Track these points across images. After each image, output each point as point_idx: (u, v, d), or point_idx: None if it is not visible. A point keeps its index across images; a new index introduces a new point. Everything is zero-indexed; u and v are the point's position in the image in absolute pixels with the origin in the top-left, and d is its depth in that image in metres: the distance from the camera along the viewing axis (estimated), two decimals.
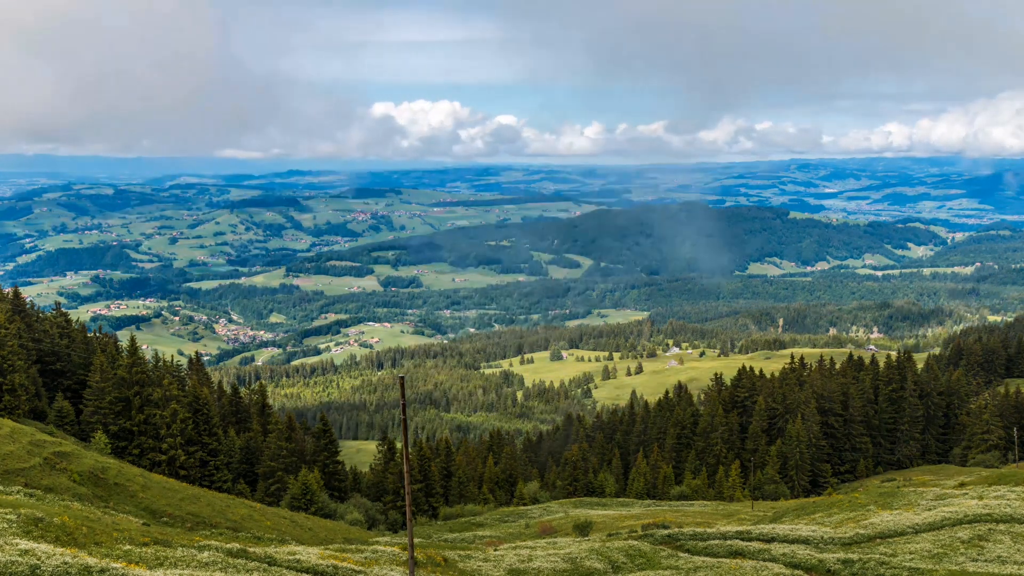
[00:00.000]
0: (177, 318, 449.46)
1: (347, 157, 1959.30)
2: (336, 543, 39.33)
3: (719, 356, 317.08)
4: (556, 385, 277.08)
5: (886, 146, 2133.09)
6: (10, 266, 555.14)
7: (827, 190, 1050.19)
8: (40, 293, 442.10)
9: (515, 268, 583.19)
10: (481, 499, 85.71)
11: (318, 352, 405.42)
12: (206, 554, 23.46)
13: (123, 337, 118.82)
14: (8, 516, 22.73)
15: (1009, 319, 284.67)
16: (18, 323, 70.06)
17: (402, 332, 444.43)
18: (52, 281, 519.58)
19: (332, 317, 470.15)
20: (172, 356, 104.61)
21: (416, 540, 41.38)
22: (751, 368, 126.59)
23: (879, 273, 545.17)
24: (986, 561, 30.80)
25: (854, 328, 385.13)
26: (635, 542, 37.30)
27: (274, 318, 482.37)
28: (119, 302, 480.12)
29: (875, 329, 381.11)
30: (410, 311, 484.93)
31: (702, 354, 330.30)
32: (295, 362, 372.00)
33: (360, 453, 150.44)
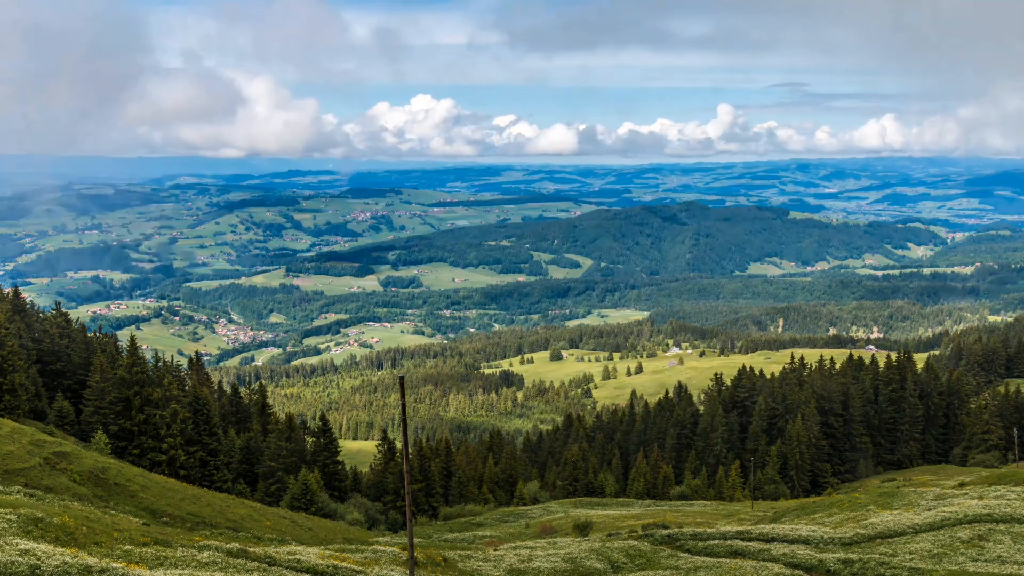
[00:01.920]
0: (177, 318, 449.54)
1: (347, 157, 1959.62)
2: (336, 543, 39.32)
3: (719, 356, 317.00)
4: (556, 385, 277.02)
5: (886, 146, 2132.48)
6: (10, 266, 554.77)
7: (827, 190, 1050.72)
8: (40, 293, 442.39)
9: (515, 268, 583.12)
10: (481, 499, 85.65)
11: (318, 352, 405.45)
12: (206, 554, 23.45)
13: (123, 337, 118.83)
14: (8, 516, 22.72)
15: (1009, 319, 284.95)
16: (18, 323, 70.11)
17: (402, 332, 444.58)
18: (52, 281, 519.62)
19: (332, 317, 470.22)
20: (172, 356, 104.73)
21: (416, 540, 41.38)
22: (751, 368, 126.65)
23: (879, 273, 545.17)
24: (986, 561, 30.79)
25: (854, 328, 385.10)
26: (635, 542, 37.29)
27: (274, 318, 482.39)
28: (119, 302, 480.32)
29: (875, 329, 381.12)
30: (410, 311, 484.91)
31: (702, 354, 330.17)
32: (295, 362, 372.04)
33: (360, 453, 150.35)
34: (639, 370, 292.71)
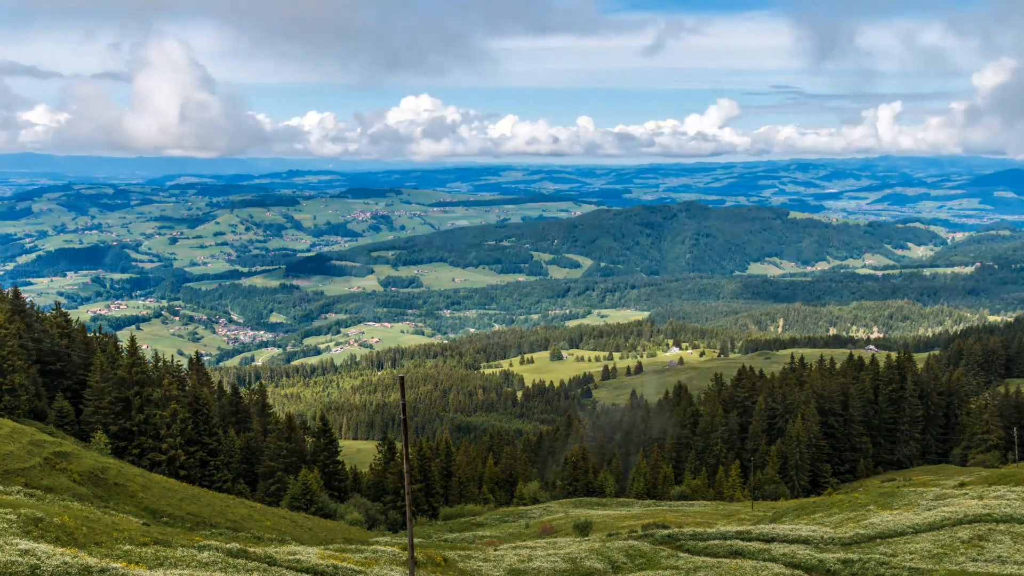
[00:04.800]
0: (177, 318, 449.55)
1: (347, 157, 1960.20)
2: (336, 543, 39.32)
3: (719, 356, 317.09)
4: (556, 385, 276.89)
5: (886, 146, 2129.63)
6: (10, 266, 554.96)
7: (827, 190, 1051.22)
8: (40, 293, 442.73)
9: (515, 268, 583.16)
10: (481, 499, 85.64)
11: (318, 352, 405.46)
12: (206, 554, 23.45)
13: (123, 337, 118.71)
14: (8, 516, 22.73)
15: (1009, 319, 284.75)
16: (18, 323, 70.01)
17: (402, 332, 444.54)
18: (52, 281, 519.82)
19: (332, 317, 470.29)
20: (172, 356, 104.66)
21: (416, 540, 41.37)
22: (751, 368, 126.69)
23: (879, 273, 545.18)
24: (986, 561, 30.79)
25: (854, 328, 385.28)
26: (635, 542, 37.28)
27: (274, 318, 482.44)
28: (119, 302, 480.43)
29: (875, 329, 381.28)
30: (410, 311, 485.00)
31: (702, 354, 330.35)
32: (295, 362, 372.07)
33: (360, 453, 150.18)
34: (639, 370, 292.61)
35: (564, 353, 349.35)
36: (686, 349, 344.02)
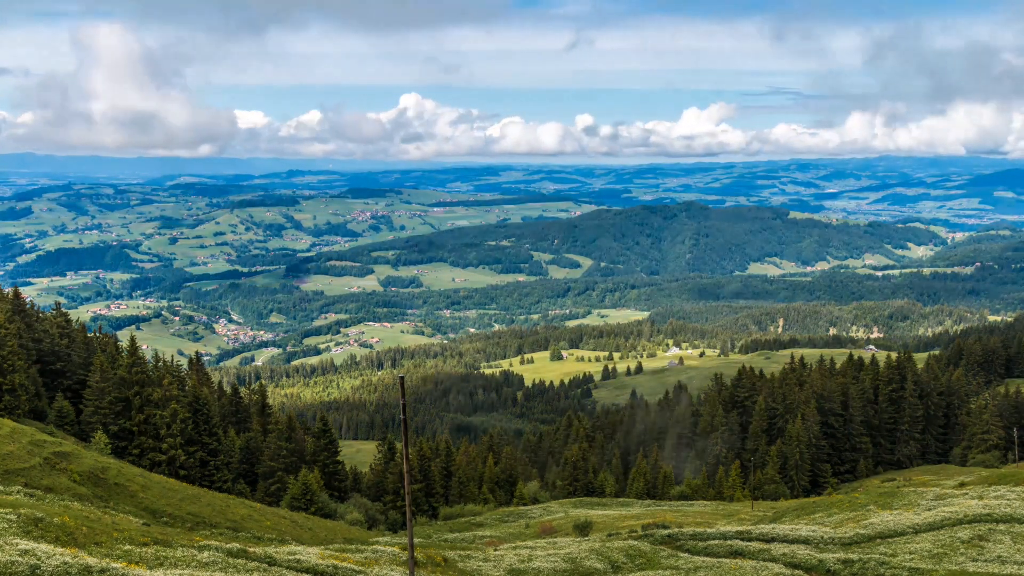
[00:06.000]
0: (177, 318, 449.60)
1: (347, 157, 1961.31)
2: (336, 543, 39.31)
3: (719, 356, 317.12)
4: (556, 385, 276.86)
5: (886, 146, 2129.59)
6: (10, 266, 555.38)
7: (827, 190, 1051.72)
8: (40, 293, 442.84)
9: (515, 268, 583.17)
10: (481, 499, 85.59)
11: (318, 352, 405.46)
12: (206, 554, 23.45)
13: (123, 337, 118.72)
14: (8, 516, 22.72)
15: (1009, 319, 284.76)
16: (18, 323, 70.01)
17: (402, 332, 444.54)
18: (52, 281, 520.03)
19: (332, 317, 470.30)
20: (172, 356, 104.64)
21: (416, 540, 41.36)
22: (751, 368, 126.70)
23: (879, 273, 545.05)
24: (986, 561, 30.79)
25: (854, 328, 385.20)
26: (635, 542, 37.28)
27: (274, 318, 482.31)
28: (119, 302, 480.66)
29: (875, 329, 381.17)
30: (410, 311, 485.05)
31: (702, 354, 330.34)
32: (295, 362, 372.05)
33: (360, 453, 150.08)
34: (639, 370, 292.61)
35: (564, 353, 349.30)
36: (686, 349, 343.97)
